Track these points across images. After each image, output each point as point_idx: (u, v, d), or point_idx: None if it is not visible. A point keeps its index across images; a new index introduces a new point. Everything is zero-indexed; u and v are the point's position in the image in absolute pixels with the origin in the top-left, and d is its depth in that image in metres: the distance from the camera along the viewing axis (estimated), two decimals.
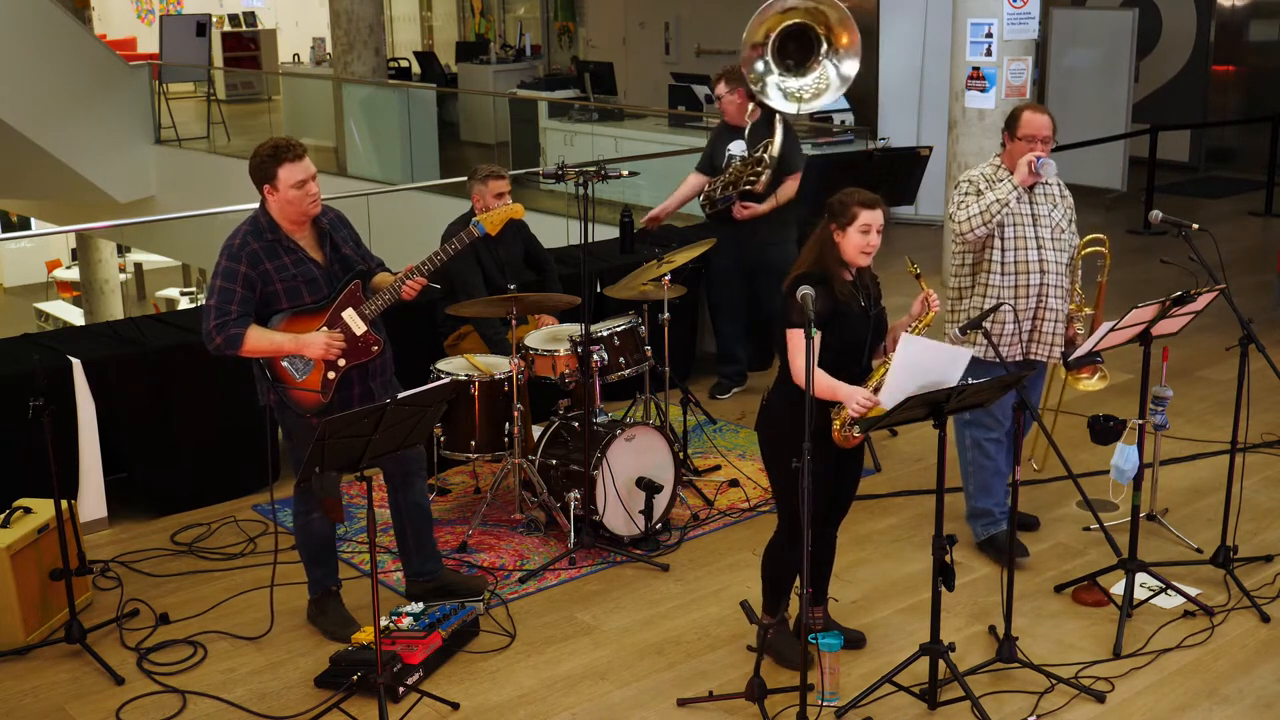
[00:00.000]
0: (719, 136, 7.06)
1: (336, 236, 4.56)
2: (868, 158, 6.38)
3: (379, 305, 4.50)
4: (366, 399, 4.49)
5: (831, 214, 4.17)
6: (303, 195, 4.39)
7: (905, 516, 5.72)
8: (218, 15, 20.44)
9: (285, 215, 4.43)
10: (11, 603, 4.65)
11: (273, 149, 4.40)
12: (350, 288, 4.51)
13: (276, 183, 4.36)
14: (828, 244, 4.17)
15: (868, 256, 4.18)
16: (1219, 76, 13.77)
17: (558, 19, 18.87)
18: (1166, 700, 4.30)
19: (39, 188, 14.90)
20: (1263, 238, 10.76)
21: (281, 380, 4.48)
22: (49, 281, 21.22)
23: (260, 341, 4.38)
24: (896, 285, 9.37)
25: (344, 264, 4.54)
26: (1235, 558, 5.04)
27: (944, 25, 9.91)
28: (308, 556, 4.77)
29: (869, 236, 4.13)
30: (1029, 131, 4.97)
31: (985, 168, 5.14)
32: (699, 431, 6.63)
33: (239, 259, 4.38)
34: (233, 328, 4.34)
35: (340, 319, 4.48)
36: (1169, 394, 5.32)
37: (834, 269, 4.15)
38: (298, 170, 4.37)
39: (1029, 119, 5.00)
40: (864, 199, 4.14)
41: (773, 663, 4.43)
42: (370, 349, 4.52)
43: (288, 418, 4.58)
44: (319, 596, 4.81)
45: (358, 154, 13.77)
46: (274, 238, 4.43)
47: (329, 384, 4.47)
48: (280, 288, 4.41)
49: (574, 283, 5.92)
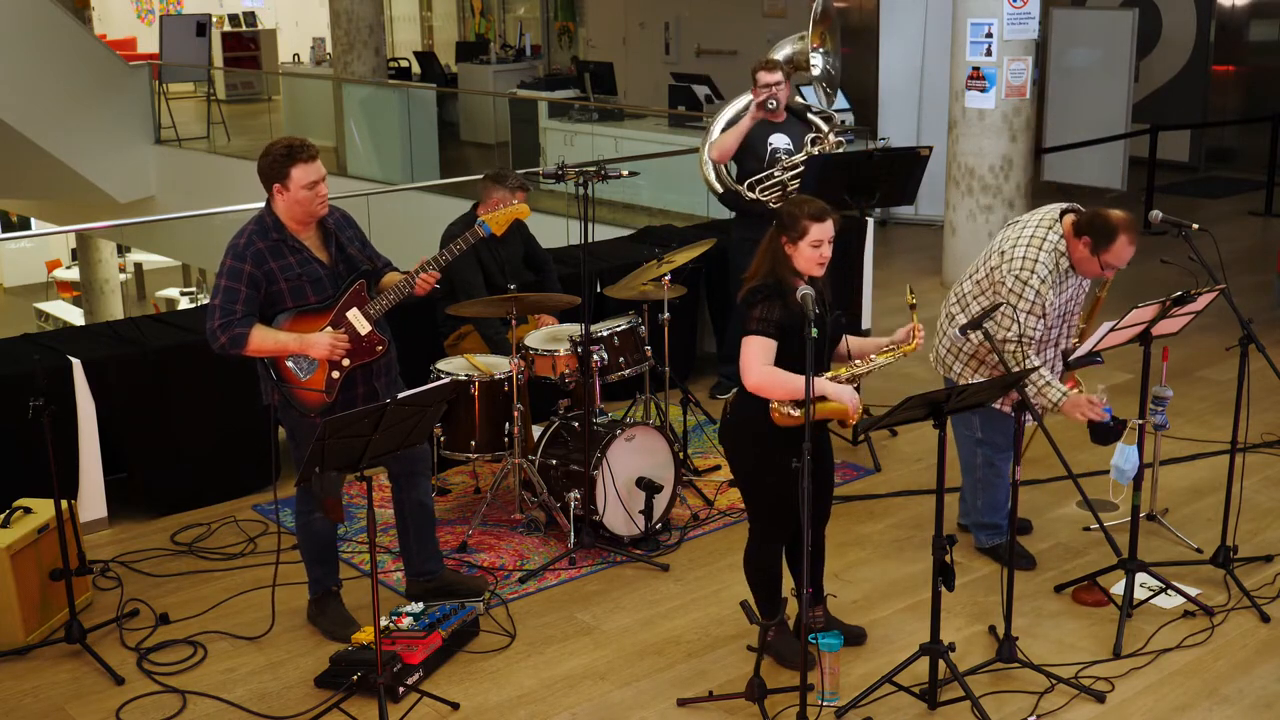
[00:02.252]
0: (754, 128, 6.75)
1: (342, 237, 4.56)
2: (868, 158, 6.38)
3: (384, 304, 4.50)
4: (370, 399, 4.48)
5: (781, 226, 4.12)
6: (313, 196, 4.39)
7: (905, 516, 5.72)
8: (218, 15, 20.44)
9: (292, 215, 4.43)
10: (11, 603, 4.65)
11: (287, 148, 4.39)
12: (355, 287, 4.51)
13: (289, 182, 4.36)
14: (780, 254, 4.12)
15: (822, 268, 4.12)
16: (1219, 76, 13.76)
17: (558, 19, 18.87)
18: (1166, 700, 4.30)
19: (39, 188, 14.90)
20: (1263, 238, 10.76)
21: (286, 380, 4.47)
22: (49, 281, 21.22)
23: (265, 341, 4.38)
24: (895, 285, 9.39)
25: (349, 264, 4.54)
26: (1235, 558, 5.04)
27: (944, 25, 9.91)
28: (308, 556, 4.77)
29: (820, 250, 4.09)
30: (1115, 262, 4.59)
31: (1048, 256, 4.64)
32: (699, 431, 6.63)
33: (244, 258, 4.37)
34: (237, 327, 4.34)
35: (345, 319, 4.48)
36: (1169, 394, 5.31)
37: (788, 279, 4.11)
38: (311, 171, 4.37)
39: (1122, 250, 4.55)
40: (813, 211, 4.08)
41: (773, 663, 4.43)
42: (375, 349, 4.52)
43: (291, 417, 4.58)
44: (319, 596, 4.81)
45: (358, 154, 13.78)
46: (279, 237, 4.42)
47: (333, 384, 4.47)
48: (285, 287, 4.41)
49: (574, 283, 5.92)
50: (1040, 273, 4.63)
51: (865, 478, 6.11)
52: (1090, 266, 4.66)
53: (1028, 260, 4.66)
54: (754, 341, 4.07)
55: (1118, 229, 4.56)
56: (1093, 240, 4.61)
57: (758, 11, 15.74)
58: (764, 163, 6.68)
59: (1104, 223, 4.58)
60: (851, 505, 5.77)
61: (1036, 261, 4.64)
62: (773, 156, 6.69)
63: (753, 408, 4.15)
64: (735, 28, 15.89)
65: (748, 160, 6.73)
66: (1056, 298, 4.72)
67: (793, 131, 6.74)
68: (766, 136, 6.71)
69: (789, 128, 6.76)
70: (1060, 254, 4.68)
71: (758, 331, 4.06)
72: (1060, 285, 4.72)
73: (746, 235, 6.83)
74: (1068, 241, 4.68)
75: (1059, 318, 4.84)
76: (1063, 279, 4.72)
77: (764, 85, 6.66)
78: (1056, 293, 4.71)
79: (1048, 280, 4.64)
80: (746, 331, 4.09)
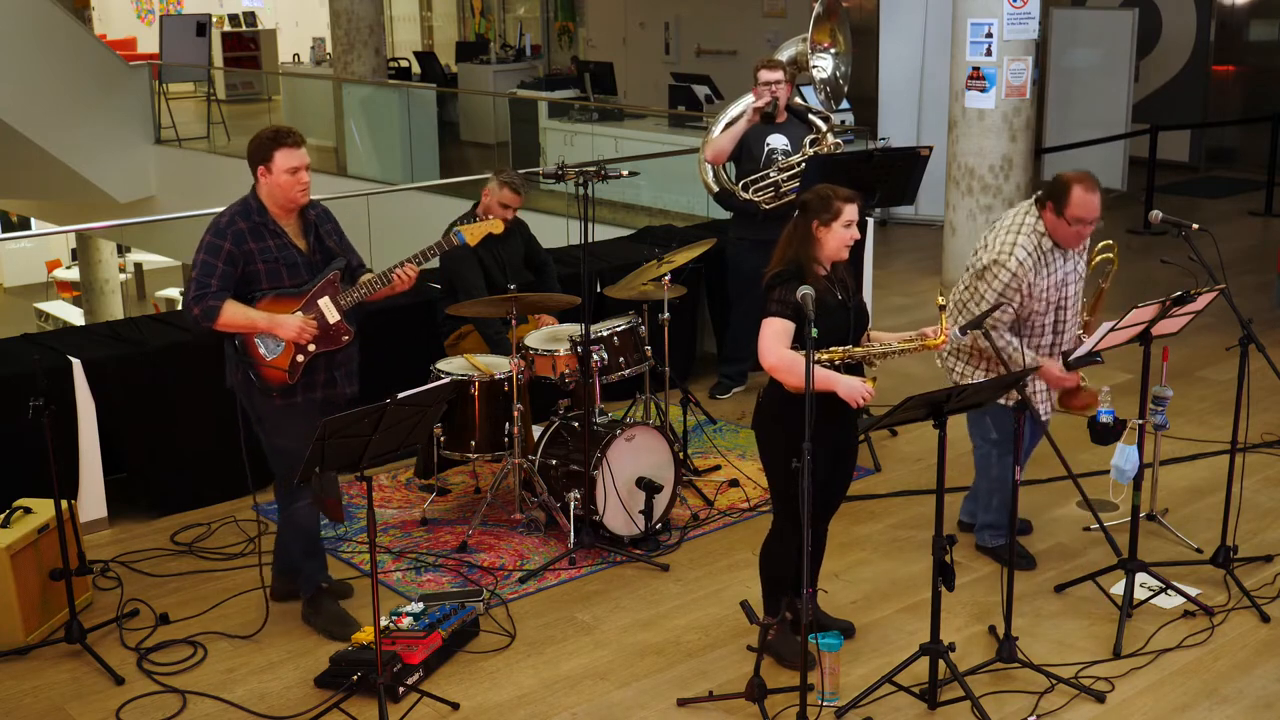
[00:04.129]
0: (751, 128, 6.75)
1: (321, 230, 4.67)
2: (868, 158, 6.38)
3: (356, 297, 4.61)
4: (330, 386, 4.66)
5: (813, 210, 4.21)
6: (294, 181, 4.51)
7: (905, 516, 5.72)
8: (218, 15, 20.43)
9: (275, 199, 4.54)
10: (11, 603, 4.65)
11: (273, 132, 4.55)
12: (330, 277, 4.62)
13: (272, 165, 4.49)
14: (805, 240, 4.21)
15: (847, 250, 4.24)
16: (1219, 76, 13.76)
17: (558, 19, 18.87)
18: (1166, 700, 4.30)
19: (39, 188, 14.90)
20: (1263, 238, 10.76)
21: (251, 356, 4.55)
22: (49, 281, 21.22)
23: (235, 316, 4.47)
24: (895, 285, 9.39)
25: (325, 255, 4.66)
26: (1235, 558, 5.04)
27: (944, 25, 9.91)
28: (298, 551, 4.79)
29: (851, 230, 4.20)
30: (1079, 214, 4.63)
31: (1028, 238, 4.71)
32: (699, 431, 6.63)
33: (224, 235, 4.49)
34: (210, 299, 4.43)
35: (316, 305, 4.58)
36: (1169, 394, 5.31)
37: (809, 265, 4.18)
38: (293, 157, 4.50)
39: (1081, 199, 4.61)
40: (846, 194, 4.20)
41: (773, 663, 4.43)
42: (340, 338, 4.62)
43: (254, 397, 4.64)
44: (313, 595, 4.82)
45: (358, 154, 13.78)
46: (261, 220, 4.54)
47: (297, 366, 4.56)
48: (262, 268, 4.51)
49: (574, 283, 5.92)
50: (1019, 255, 4.71)
51: (865, 478, 6.11)
52: (1065, 231, 4.72)
53: (1006, 244, 4.76)
54: (772, 323, 4.15)
55: (1069, 182, 4.66)
56: (1054, 203, 4.70)
57: (758, 11, 15.74)
58: (759, 163, 6.69)
59: (1056, 182, 4.70)
60: (851, 505, 5.76)
61: (1015, 245, 4.74)
62: (769, 157, 6.70)
63: (779, 391, 4.21)
64: (735, 28, 15.89)
65: (744, 161, 6.75)
66: (1045, 279, 4.76)
67: (792, 133, 6.74)
68: (765, 137, 6.71)
69: (788, 129, 6.75)
70: (1040, 234, 4.76)
71: (776, 313, 4.14)
72: (1048, 267, 4.77)
73: (742, 235, 6.84)
74: (1045, 221, 4.76)
75: (1053, 304, 4.84)
76: (1050, 260, 4.77)
77: (764, 84, 6.67)
78: (1046, 274, 4.75)
79: (1026, 262, 4.72)
80: (766, 313, 4.17)
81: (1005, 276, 4.71)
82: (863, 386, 4.09)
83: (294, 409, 4.60)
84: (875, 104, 11.56)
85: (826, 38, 7.08)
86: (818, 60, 7.01)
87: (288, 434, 4.58)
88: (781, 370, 4.13)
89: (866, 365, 4.30)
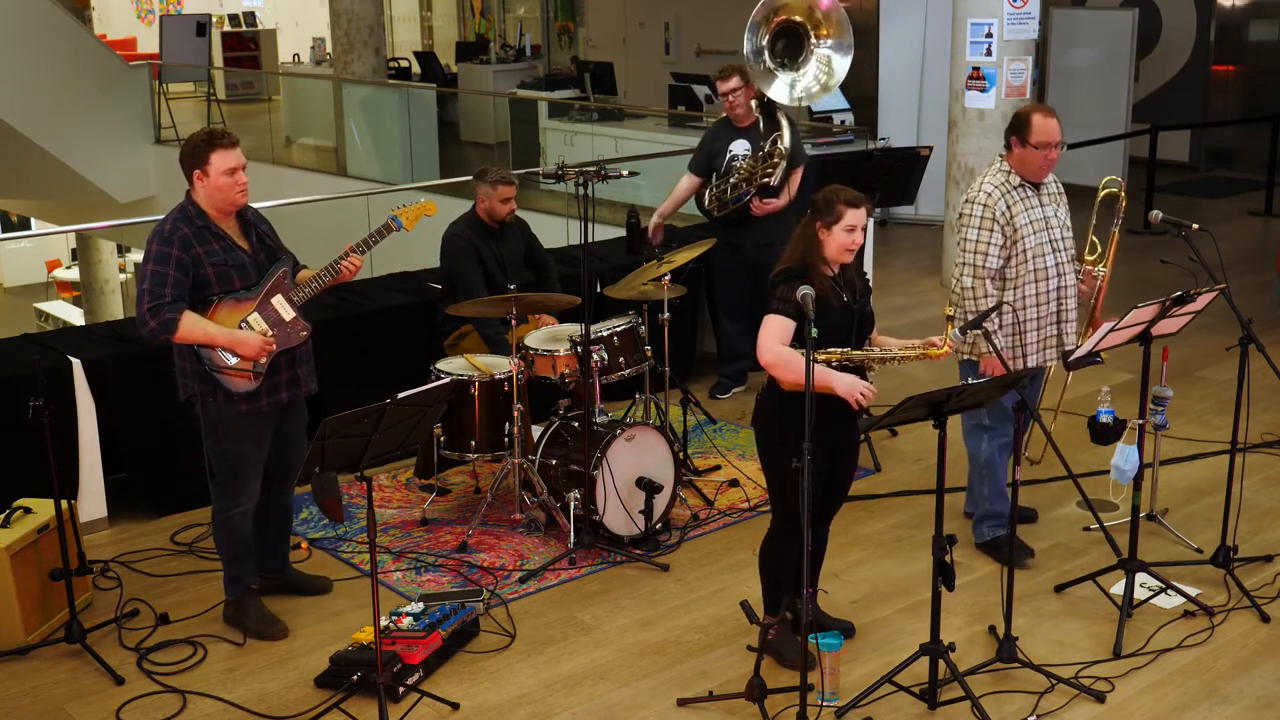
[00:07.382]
0: (717, 136, 6.93)
1: (260, 230, 4.66)
2: (868, 158, 6.38)
3: (309, 292, 4.60)
4: (293, 385, 4.64)
5: (817, 211, 4.21)
6: (232, 183, 4.47)
7: (905, 516, 5.72)
8: (218, 15, 20.43)
9: (213, 202, 4.50)
10: (11, 603, 4.65)
11: (207, 135, 4.50)
12: (279, 275, 4.60)
13: (208, 168, 4.44)
14: (812, 240, 4.21)
15: (851, 254, 4.23)
16: (1219, 76, 13.77)
17: (558, 19, 18.87)
18: (1166, 700, 4.30)
19: (39, 188, 14.90)
20: (1263, 238, 10.76)
21: (213, 363, 4.49)
22: (49, 281, 21.23)
23: (194, 329, 4.42)
24: (895, 285, 9.39)
25: (269, 253, 4.65)
26: (1235, 558, 5.04)
27: (944, 25, 9.91)
28: (228, 555, 4.75)
29: (853, 235, 4.19)
30: (1043, 138, 4.86)
31: (995, 176, 4.97)
32: (699, 431, 6.63)
33: (171, 242, 4.43)
34: (167, 311, 4.37)
35: (270, 304, 4.56)
36: (1169, 394, 5.32)
37: (816, 265, 4.19)
38: (230, 158, 4.46)
39: (1041, 124, 4.86)
40: (850, 198, 4.18)
41: (773, 663, 4.43)
42: (299, 334, 4.60)
43: (211, 409, 4.57)
44: (239, 598, 4.80)
45: (358, 154, 13.78)
46: (203, 224, 4.50)
47: (261, 368, 4.54)
48: (211, 272, 4.47)
49: (574, 283, 5.92)
50: (987, 188, 4.90)
51: (865, 478, 6.11)
52: (1032, 159, 4.89)
53: (974, 187, 4.97)
54: (773, 320, 4.16)
55: (1027, 113, 4.90)
56: (1016, 136, 4.91)
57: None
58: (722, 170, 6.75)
59: (1015, 118, 4.94)
60: (851, 505, 5.75)
61: (982, 183, 4.94)
62: (728, 164, 6.74)
63: (778, 389, 4.21)
64: (735, 28, 15.75)
65: (705, 172, 6.90)
66: (1025, 215, 4.90)
67: (756, 137, 6.73)
68: (729, 144, 6.77)
69: (752, 133, 6.75)
70: (1006, 172, 4.95)
71: (777, 310, 4.15)
72: (1024, 202, 4.91)
73: (722, 238, 6.81)
74: (1012, 159, 4.95)
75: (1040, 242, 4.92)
76: (1024, 195, 4.93)
77: (722, 94, 6.73)
78: (1024, 210, 4.89)
79: (995, 193, 4.88)
80: (768, 310, 4.18)
81: (978, 210, 4.90)
82: (862, 384, 4.09)
83: (258, 414, 4.56)
84: (875, 104, 11.56)
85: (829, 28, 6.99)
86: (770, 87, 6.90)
87: (239, 438, 4.56)
88: (778, 366, 4.14)
89: (866, 369, 4.30)
